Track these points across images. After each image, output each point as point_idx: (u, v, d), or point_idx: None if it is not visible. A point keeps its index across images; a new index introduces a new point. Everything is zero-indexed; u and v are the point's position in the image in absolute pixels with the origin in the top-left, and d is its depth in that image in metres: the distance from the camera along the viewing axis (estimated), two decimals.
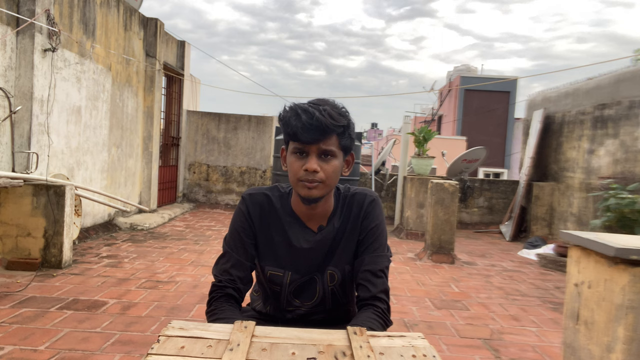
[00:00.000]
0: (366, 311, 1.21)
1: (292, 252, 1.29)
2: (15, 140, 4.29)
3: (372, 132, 46.19)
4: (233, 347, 0.97)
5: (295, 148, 1.19)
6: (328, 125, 1.14)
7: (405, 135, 7.64)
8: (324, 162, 1.18)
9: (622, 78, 5.80)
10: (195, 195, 8.91)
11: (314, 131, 1.14)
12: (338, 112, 1.19)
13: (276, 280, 1.31)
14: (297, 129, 1.14)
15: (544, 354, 2.80)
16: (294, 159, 1.19)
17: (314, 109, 1.15)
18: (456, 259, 5.33)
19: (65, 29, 4.79)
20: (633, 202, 4.55)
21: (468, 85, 19.16)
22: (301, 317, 1.34)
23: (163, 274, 4.05)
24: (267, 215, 1.30)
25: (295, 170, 1.19)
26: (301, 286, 1.32)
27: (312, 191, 1.18)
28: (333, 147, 1.18)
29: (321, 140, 1.16)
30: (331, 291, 1.32)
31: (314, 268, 1.31)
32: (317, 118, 1.13)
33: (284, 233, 1.29)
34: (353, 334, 1.07)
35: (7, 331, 2.63)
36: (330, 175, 1.19)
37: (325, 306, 1.33)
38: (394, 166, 10.83)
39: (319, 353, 0.97)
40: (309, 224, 1.30)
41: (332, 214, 1.31)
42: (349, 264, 1.31)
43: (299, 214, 1.29)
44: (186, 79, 8.67)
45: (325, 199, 1.25)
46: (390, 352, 1.00)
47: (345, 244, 1.30)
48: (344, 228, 1.30)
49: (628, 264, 1.71)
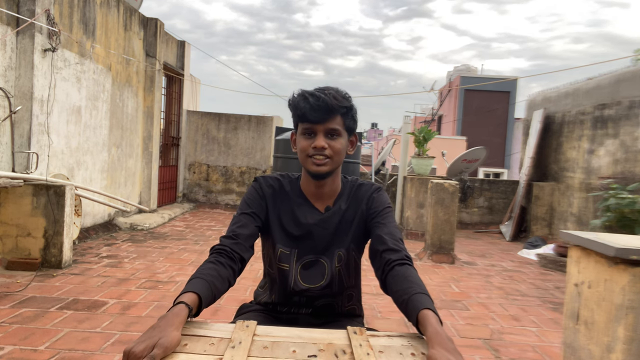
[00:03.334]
0: (411, 271, 1.25)
1: (299, 229, 1.36)
2: (15, 140, 4.29)
3: (372, 132, 46.18)
4: (235, 345, 0.98)
5: (304, 129, 1.30)
6: (333, 106, 1.26)
7: (405, 135, 7.64)
8: (331, 140, 1.29)
9: (622, 78, 5.80)
10: (195, 195, 8.91)
11: (321, 111, 1.26)
12: (342, 95, 1.30)
13: (285, 259, 1.37)
14: (306, 109, 1.26)
15: (544, 354, 2.80)
16: (303, 139, 1.30)
17: (320, 93, 1.27)
18: (456, 259, 5.33)
19: (65, 29, 4.79)
20: (633, 202, 4.54)
21: (468, 85, 19.16)
22: (307, 302, 1.38)
23: (163, 274, 4.05)
24: (279, 197, 1.39)
25: (305, 148, 1.29)
26: (309, 267, 1.37)
27: (320, 167, 1.28)
28: (338, 127, 1.29)
29: (327, 119, 1.27)
30: (338, 272, 1.37)
31: (320, 248, 1.37)
32: (324, 99, 1.25)
33: (293, 212, 1.37)
34: (353, 333, 1.07)
35: (7, 331, 2.63)
36: (336, 151, 1.29)
37: (332, 289, 1.37)
38: (394, 166, 10.83)
39: (319, 351, 0.98)
40: (317, 204, 1.38)
41: (339, 196, 1.39)
42: (354, 243, 1.38)
43: (307, 194, 1.39)
44: (186, 79, 8.67)
45: (332, 177, 1.35)
46: (389, 351, 1.00)
47: (351, 226, 1.37)
48: (350, 211, 1.38)
49: (628, 264, 1.71)
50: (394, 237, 1.30)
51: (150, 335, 0.92)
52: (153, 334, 0.93)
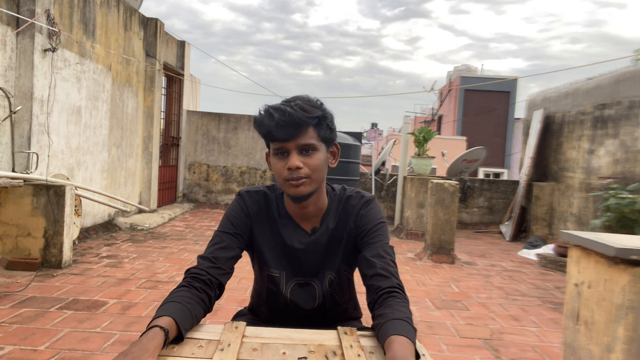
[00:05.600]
0: (397, 300, 1.12)
1: (286, 252, 1.27)
2: (15, 140, 4.29)
3: (372, 132, 46.16)
4: (224, 347, 0.97)
5: (275, 149, 1.17)
6: (301, 118, 1.12)
7: (405, 135, 7.64)
8: (306, 157, 1.15)
9: (622, 78, 5.80)
10: (195, 195, 8.91)
11: (288, 127, 1.12)
12: (311, 104, 1.16)
13: (274, 281, 1.30)
14: (272, 127, 1.12)
15: (544, 354, 2.80)
16: (276, 160, 1.17)
17: (286, 106, 1.13)
18: (456, 259, 5.33)
19: (65, 29, 4.79)
20: (633, 202, 4.54)
21: (468, 85, 19.16)
22: (299, 318, 1.33)
23: (163, 274, 4.05)
24: (264, 215, 1.28)
25: (279, 170, 1.16)
26: (300, 287, 1.29)
27: (299, 189, 1.15)
28: (312, 141, 1.15)
29: (297, 134, 1.13)
30: (330, 295, 1.31)
31: (310, 271, 1.28)
32: (290, 113, 1.11)
33: (279, 233, 1.27)
34: (343, 333, 1.07)
35: (7, 331, 2.63)
36: (314, 168, 1.15)
37: (326, 308, 1.32)
38: (394, 166, 10.83)
39: (309, 353, 0.97)
40: (303, 224, 1.27)
41: (326, 214, 1.28)
42: (344, 263, 1.29)
43: (292, 214, 1.27)
44: (186, 79, 8.67)
45: (316, 196, 1.22)
46: (380, 352, 1.00)
47: (341, 246, 1.28)
48: (339, 230, 1.27)
49: (628, 264, 1.71)
50: (384, 260, 1.17)
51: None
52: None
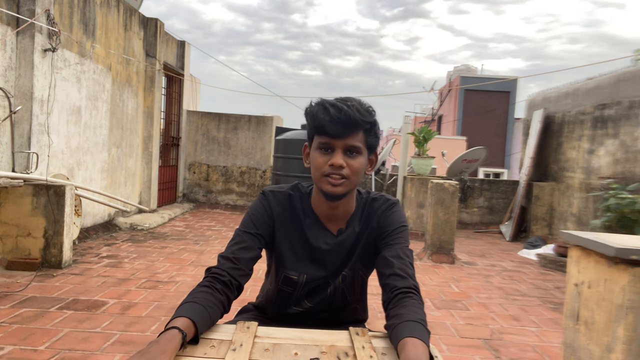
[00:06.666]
0: (412, 301, 1.11)
1: (310, 253, 1.27)
2: (15, 140, 4.29)
3: None
4: (236, 348, 0.97)
5: (320, 143, 1.16)
6: (357, 120, 1.13)
7: (405, 135, 7.64)
8: (350, 158, 1.15)
9: (622, 78, 5.80)
10: (195, 195, 8.91)
11: (342, 125, 1.12)
12: (366, 109, 1.17)
13: (289, 283, 1.29)
14: (325, 122, 1.12)
15: (544, 354, 2.80)
16: (319, 154, 1.16)
17: (343, 104, 1.13)
18: (456, 259, 5.33)
19: (65, 29, 4.79)
20: (633, 202, 4.54)
21: (468, 85, 19.16)
22: (305, 314, 1.32)
23: (163, 274, 4.05)
24: (289, 216, 1.27)
25: (320, 165, 1.16)
26: (315, 290, 1.29)
27: (336, 188, 1.15)
28: (359, 144, 1.15)
29: (348, 135, 1.13)
30: (341, 290, 1.30)
31: (330, 271, 1.28)
32: (346, 112, 1.12)
33: (304, 234, 1.26)
34: (355, 334, 1.06)
35: (7, 331, 2.63)
36: (355, 171, 1.16)
37: (333, 304, 1.31)
38: (394, 166, 10.83)
39: (321, 353, 0.97)
40: (329, 225, 1.27)
41: (353, 217, 1.27)
42: (360, 262, 1.29)
43: (319, 214, 1.26)
44: (186, 79, 8.67)
45: (347, 198, 1.23)
46: (392, 353, 0.99)
47: (363, 247, 1.28)
48: (363, 232, 1.27)
49: (628, 264, 1.71)
50: (402, 261, 1.18)
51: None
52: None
